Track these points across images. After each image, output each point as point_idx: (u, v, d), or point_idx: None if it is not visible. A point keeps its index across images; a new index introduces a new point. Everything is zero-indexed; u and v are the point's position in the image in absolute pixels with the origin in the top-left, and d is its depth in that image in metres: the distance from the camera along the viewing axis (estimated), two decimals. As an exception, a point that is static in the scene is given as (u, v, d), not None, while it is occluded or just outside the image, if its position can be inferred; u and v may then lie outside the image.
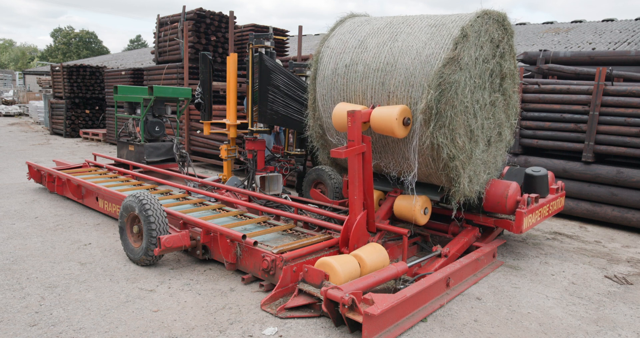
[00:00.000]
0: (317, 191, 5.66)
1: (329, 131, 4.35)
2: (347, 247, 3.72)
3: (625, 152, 5.65)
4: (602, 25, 14.42)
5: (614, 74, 6.10)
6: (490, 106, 4.12)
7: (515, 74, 4.41)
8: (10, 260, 3.99)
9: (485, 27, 3.79)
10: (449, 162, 3.65)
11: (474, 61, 3.70)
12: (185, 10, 10.45)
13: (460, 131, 3.63)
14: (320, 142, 4.54)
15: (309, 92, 4.43)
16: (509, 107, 4.42)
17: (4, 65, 62.94)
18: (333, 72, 4.14)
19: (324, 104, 4.25)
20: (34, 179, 6.77)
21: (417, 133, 3.64)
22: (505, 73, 4.20)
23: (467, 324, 3.13)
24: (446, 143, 3.55)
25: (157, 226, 3.78)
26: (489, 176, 4.27)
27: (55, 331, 2.84)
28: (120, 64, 25.59)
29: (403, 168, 3.98)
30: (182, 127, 9.95)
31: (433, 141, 3.56)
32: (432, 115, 3.50)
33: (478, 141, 3.94)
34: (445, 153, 3.58)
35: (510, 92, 4.37)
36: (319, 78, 4.27)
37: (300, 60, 8.18)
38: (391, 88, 3.74)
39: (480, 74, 3.84)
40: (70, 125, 14.51)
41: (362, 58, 3.97)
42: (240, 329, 2.93)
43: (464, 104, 3.65)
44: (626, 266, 4.42)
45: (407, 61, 3.71)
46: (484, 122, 4.02)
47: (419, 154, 3.74)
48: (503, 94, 4.30)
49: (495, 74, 4.11)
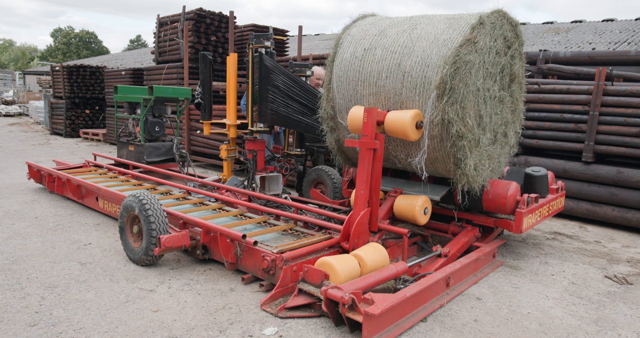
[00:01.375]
0: (317, 191, 5.67)
1: (340, 113, 4.40)
2: (347, 242, 3.73)
3: (625, 152, 5.66)
4: (602, 25, 14.42)
5: (614, 74, 6.10)
6: (499, 103, 4.19)
7: (523, 83, 4.51)
8: (10, 260, 3.99)
9: (500, 23, 3.96)
10: (457, 140, 3.70)
11: (488, 49, 3.85)
12: (185, 10, 10.45)
13: (470, 112, 3.73)
14: (330, 124, 4.58)
15: (326, 74, 4.52)
16: (515, 113, 4.50)
17: (4, 65, 62.95)
18: (351, 55, 4.27)
19: (339, 85, 4.33)
20: (34, 179, 6.77)
21: (429, 110, 3.73)
22: (515, 75, 4.31)
23: (467, 324, 3.13)
24: (456, 120, 3.62)
25: (157, 226, 3.78)
26: (492, 174, 4.28)
27: (55, 331, 2.84)
28: (120, 64, 25.59)
29: (411, 150, 4.04)
30: (182, 127, 9.95)
31: (444, 117, 3.63)
32: (446, 90, 3.59)
33: (485, 130, 4.01)
34: (455, 129, 3.64)
35: (517, 96, 4.46)
36: (336, 61, 4.38)
37: (300, 60, 8.17)
38: (407, 68, 3.85)
39: (493, 64, 3.97)
40: (70, 125, 14.51)
41: (380, 43, 4.12)
42: (240, 329, 2.93)
43: (476, 86, 3.76)
44: (626, 266, 4.43)
45: (424, 44, 3.86)
46: (492, 114, 4.09)
47: (429, 133, 3.81)
48: (511, 96, 4.37)
49: (506, 72, 4.21)
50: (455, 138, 3.68)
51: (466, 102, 3.66)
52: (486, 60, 3.85)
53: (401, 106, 3.89)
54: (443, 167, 4.00)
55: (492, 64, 3.96)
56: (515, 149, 4.64)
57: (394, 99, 3.93)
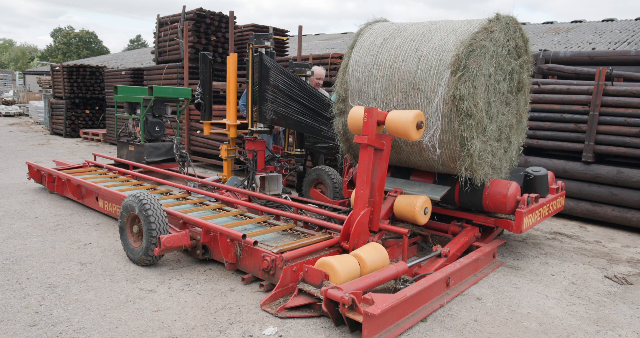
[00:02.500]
0: (317, 191, 5.67)
1: (352, 95, 4.50)
2: (347, 242, 3.73)
3: (625, 152, 5.66)
4: (602, 25, 14.43)
5: (614, 74, 6.10)
6: (506, 103, 4.30)
7: (528, 97, 4.72)
8: (10, 260, 3.99)
9: (513, 28, 4.19)
10: (466, 118, 3.80)
11: (502, 44, 4.05)
12: (185, 10, 10.45)
13: (480, 93, 3.85)
14: (340, 106, 4.66)
15: (343, 60, 4.65)
16: (520, 125, 4.64)
17: (4, 65, 62.95)
18: (371, 43, 4.46)
19: (355, 69, 4.47)
20: (34, 179, 6.77)
21: (442, 89, 3.87)
22: (523, 85, 4.53)
23: (467, 324, 3.13)
24: (467, 97, 3.76)
25: (157, 226, 3.78)
26: (492, 173, 4.29)
27: (55, 331, 2.84)
28: (120, 64, 25.59)
29: (426, 156, 4.16)
30: (182, 127, 9.95)
31: (456, 93, 3.77)
32: (460, 67, 3.77)
33: (492, 120, 4.09)
34: (465, 106, 3.76)
35: (522, 107, 4.62)
36: (355, 48, 4.57)
37: (300, 60, 8.17)
38: (423, 52, 4.04)
39: (504, 61, 4.14)
40: (70, 125, 14.51)
41: (400, 34, 4.33)
42: (240, 329, 2.93)
43: (488, 72, 3.94)
44: (626, 266, 4.43)
45: (442, 34, 4.07)
46: (499, 109, 4.19)
47: (441, 112, 3.94)
48: (517, 104, 4.51)
49: (515, 78, 4.39)
50: (464, 115, 3.79)
51: (477, 83, 3.80)
52: (499, 53, 4.03)
53: (414, 87, 4.03)
54: (449, 150, 4.04)
55: (503, 59, 4.11)
56: (516, 163, 4.72)
57: (407, 80, 4.07)
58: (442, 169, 4.30)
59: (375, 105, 4.29)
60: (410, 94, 4.07)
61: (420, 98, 4.03)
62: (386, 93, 4.22)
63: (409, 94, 4.08)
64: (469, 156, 3.89)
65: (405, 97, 4.11)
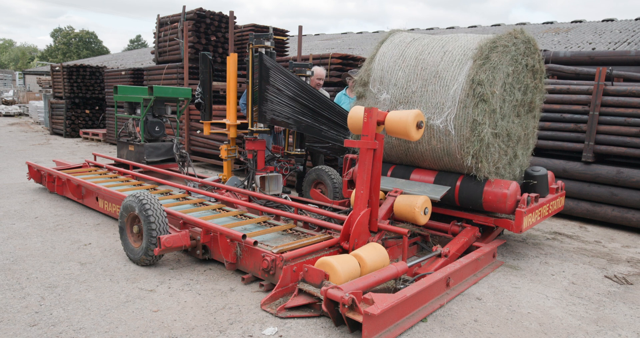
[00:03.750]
0: (317, 191, 5.67)
1: (374, 82, 4.69)
2: (347, 242, 3.73)
3: (625, 152, 5.65)
4: (602, 25, 14.43)
5: (614, 74, 6.09)
6: (516, 116, 4.50)
7: (537, 122, 4.92)
8: (10, 260, 3.99)
9: (533, 48, 4.48)
10: (481, 103, 3.96)
11: (522, 53, 4.30)
12: (185, 10, 10.45)
13: (497, 84, 4.03)
14: (360, 90, 4.83)
15: (371, 52, 4.86)
16: (527, 143, 4.80)
17: (4, 65, 62.96)
18: (400, 41, 4.77)
19: (381, 59, 4.71)
20: (34, 179, 6.77)
21: (463, 76, 4.10)
22: (535, 106, 4.75)
23: (467, 324, 3.13)
24: (485, 83, 3.95)
25: (157, 226, 3.78)
26: (495, 172, 4.31)
27: (55, 331, 2.84)
28: (120, 64, 25.59)
29: (434, 113, 4.28)
30: (182, 127, 9.95)
31: (475, 78, 4.00)
32: (482, 56, 4.03)
33: (504, 118, 4.24)
34: (481, 91, 3.95)
35: (531, 127, 4.83)
36: (385, 43, 4.83)
37: (300, 60, 8.17)
38: (449, 48, 4.33)
39: (522, 72, 4.36)
40: (70, 125, 14.51)
41: (428, 37, 4.68)
42: (240, 329, 2.93)
43: (507, 71, 4.14)
44: (626, 266, 4.43)
45: (468, 38, 4.41)
46: (510, 114, 4.36)
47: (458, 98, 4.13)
48: (527, 122, 4.73)
49: (529, 94, 4.61)
50: (479, 100, 3.96)
51: (496, 74, 4.03)
52: (518, 60, 4.27)
53: (435, 75, 4.28)
54: (459, 136, 4.14)
55: (521, 68, 4.35)
56: (519, 181, 4.76)
57: (429, 69, 4.33)
58: (448, 161, 4.34)
59: (394, 90, 4.51)
60: (430, 82, 4.28)
61: (439, 85, 4.23)
62: (407, 80, 4.44)
63: (429, 81, 4.30)
64: (478, 141, 3.99)
65: (425, 84, 4.32)
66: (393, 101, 4.51)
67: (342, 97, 6.54)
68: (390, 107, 4.52)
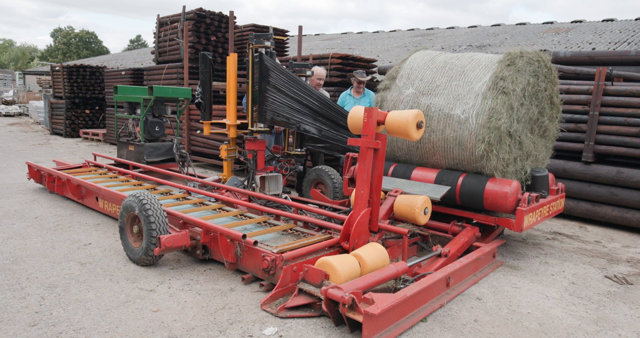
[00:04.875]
0: (317, 191, 5.67)
1: (401, 77, 4.93)
2: (347, 242, 3.73)
3: (625, 152, 5.65)
4: (602, 25, 14.44)
5: (614, 74, 6.09)
6: (530, 131, 4.66)
7: (549, 150, 5.11)
8: (10, 260, 3.99)
9: (552, 79, 4.77)
10: (501, 95, 4.18)
11: (542, 74, 4.60)
12: (185, 10, 10.45)
13: (518, 84, 4.25)
14: (386, 82, 5.06)
15: (404, 57, 5.20)
16: (535, 162, 4.87)
17: (4, 65, 62.96)
18: (432, 52, 5.13)
19: (412, 60, 5.04)
20: (34, 179, 6.77)
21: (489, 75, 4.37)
22: (548, 132, 4.97)
23: (467, 324, 3.13)
24: (507, 79, 4.20)
25: (157, 226, 3.78)
26: (501, 170, 4.34)
27: (55, 331, 2.84)
28: (120, 64, 25.59)
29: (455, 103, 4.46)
30: (182, 127, 9.95)
31: (499, 74, 4.25)
32: (509, 59, 4.32)
33: (520, 121, 4.40)
34: (503, 84, 4.19)
35: (543, 152, 5.00)
36: (418, 52, 5.17)
37: (300, 60, 8.17)
38: (477, 57, 4.66)
39: (540, 90, 4.63)
40: (70, 125, 14.51)
41: (458, 52, 4.97)
42: (240, 329, 2.93)
43: (528, 79, 4.38)
44: (626, 266, 4.43)
45: (495, 55, 4.74)
46: (526, 124, 4.54)
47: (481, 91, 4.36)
48: (539, 143, 4.88)
49: (545, 119, 4.81)
50: (500, 92, 4.18)
51: (519, 75, 4.27)
52: (539, 77, 4.56)
53: (461, 74, 4.55)
54: (476, 123, 4.27)
55: (541, 87, 4.62)
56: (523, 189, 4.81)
57: (456, 69, 4.61)
58: (458, 152, 4.40)
59: (419, 84, 4.75)
60: (455, 78, 4.54)
61: (463, 81, 4.49)
62: (433, 77, 4.70)
63: (454, 78, 4.56)
64: (494, 129, 4.10)
65: (450, 80, 4.58)
66: (416, 93, 4.71)
67: (347, 97, 6.53)
68: (413, 99, 4.69)
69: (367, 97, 6.51)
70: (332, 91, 7.37)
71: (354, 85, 6.51)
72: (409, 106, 4.71)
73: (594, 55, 7.13)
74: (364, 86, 6.55)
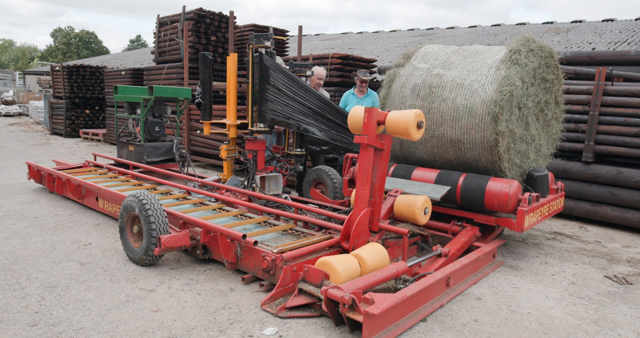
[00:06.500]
0: (317, 191, 5.66)
1: (416, 57, 5.08)
2: (348, 242, 3.73)
3: (625, 152, 5.65)
4: (602, 25, 14.43)
5: (614, 74, 6.09)
6: (535, 117, 4.74)
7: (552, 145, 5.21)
8: (10, 260, 3.99)
9: (558, 79, 4.95)
10: (513, 66, 4.32)
11: (544, 65, 4.67)
12: (185, 10, 10.45)
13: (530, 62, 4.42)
14: (401, 61, 5.24)
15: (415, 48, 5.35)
16: (537, 160, 4.93)
17: (4, 65, 62.96)
18: (443, 46, 5.26)
19: (427, 47, 5.24)
20: (34, 179, 6.77)
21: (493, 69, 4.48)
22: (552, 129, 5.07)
23: (467, 324, 3.13)
24: (521, 53, 4.37)
25: (157, 226, 3.78)
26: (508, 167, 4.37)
27: (55, 331, 2.84)
28: (120, 64, 25.58)
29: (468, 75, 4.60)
30: (182, 127, 9.95)
31: (513, 49, 4.42)
32: (525, 40, 4.48)
33: (529, 98, 4.54)
34: (517, 57, 4.34)
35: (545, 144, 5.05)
36: (428, 45, 5.32)
37: (300, 60, 8.17)
38: (481, 49, 4.79)
39: (547, 82, 4.76)
40: (70, 125, 14.51)
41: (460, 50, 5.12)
42: (240, 329, 2.93)
43: (538, 62, 4.53)
44: (626, 266, 4.43)
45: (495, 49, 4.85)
46: (533, 106, 4.65)
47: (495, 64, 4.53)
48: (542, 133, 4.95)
49: (550, 110, 4.93)
50: (513, 63, 4.34)
51: (532, 54, 4.44)
52: (549, 65, 4.72)
53: (475, 54, 4.72)
54: (487, 90, 4.38)
55: (540, 82, 4.69)
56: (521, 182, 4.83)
57: (471, 51, 4.78)
58: (467, 121, 4.45)
59: (433, 61, 4.91)
60: (469, 57, 4.74)
61: (477, 59, 4.65)
62: (447, 57, 4.88)
63: (468, 57, 4.75)
64: (505, 93, 4.22)
65: (464, 58, 4.76)
66: (430, 69, 4.85)
67: (350, 96, 6.53)
68: (427, 72, 4.84)
69: (370, 97, 6.51)
70: (332, 91, 7.37)
71: (357, 84, 6.50)
72: (422, 78, 4.82)
73: (594, 55, 7.13)
74: (367, 86, 6.55)
